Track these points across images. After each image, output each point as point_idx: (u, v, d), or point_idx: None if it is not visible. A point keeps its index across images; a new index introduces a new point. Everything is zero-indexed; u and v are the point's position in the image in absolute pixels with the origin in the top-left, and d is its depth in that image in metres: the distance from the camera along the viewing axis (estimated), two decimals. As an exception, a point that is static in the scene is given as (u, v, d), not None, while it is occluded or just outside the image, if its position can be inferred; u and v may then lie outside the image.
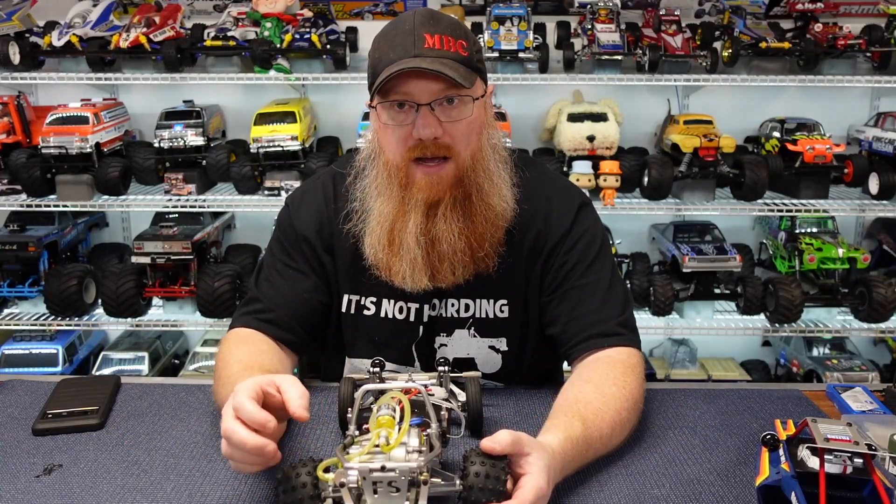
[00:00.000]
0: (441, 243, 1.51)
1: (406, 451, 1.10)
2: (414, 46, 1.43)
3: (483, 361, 1.67)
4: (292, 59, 3.38)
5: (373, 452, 1.10)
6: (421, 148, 1.47)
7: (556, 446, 1.24)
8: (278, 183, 3.27)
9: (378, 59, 1.47)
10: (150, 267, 3.28)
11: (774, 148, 3.38)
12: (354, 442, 1.17)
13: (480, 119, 1.52)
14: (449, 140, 1.47)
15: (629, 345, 1.55)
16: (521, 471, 1.14)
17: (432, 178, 1.49)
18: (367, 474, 1.07)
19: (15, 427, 1.50)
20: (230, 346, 1.54)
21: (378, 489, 1.07)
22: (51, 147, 3.16)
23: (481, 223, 1.52)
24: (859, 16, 3.61)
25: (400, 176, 1.50)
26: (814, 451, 1.18)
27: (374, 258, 1.57)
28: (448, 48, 1.44)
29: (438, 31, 1.44)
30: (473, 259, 1.54)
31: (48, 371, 3.34)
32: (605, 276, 1.60)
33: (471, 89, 1.45)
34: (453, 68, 1.42)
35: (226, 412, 1.15)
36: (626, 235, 3.61)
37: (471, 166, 1.50)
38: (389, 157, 1.51)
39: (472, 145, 1.50)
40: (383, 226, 1.53)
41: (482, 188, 1.52)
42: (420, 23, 1.45)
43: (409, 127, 1.46)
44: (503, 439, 1.12)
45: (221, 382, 1.45)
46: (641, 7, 3.61)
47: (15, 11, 3.36)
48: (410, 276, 1.53)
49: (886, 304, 3.21)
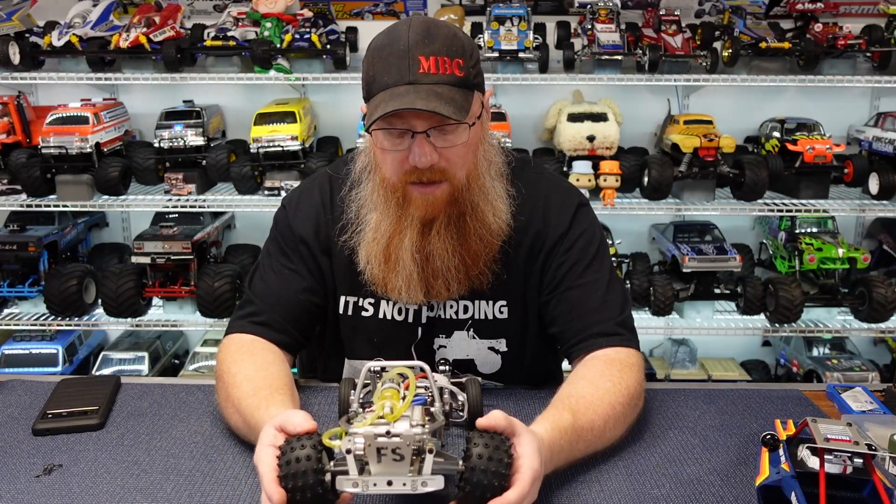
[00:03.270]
0: (435, 260, 1.52)
1: (410, 424, 1.10)
2: (409, 71, 1.41)
3: (482, 362, 1.67)
4: (292, 59, 3.37)
5: (377, 423, 1.09)
6: (417, 173, 1.47)
7: (544, 433, 1.25)
8: (278, 183, 3.26)
9: (372, 77, 1.45)
10: (150, 267, 3.28)
11: (774, 148, 3.38)
12: (358, 416, 1.17)
13: (477, 138, 1.52)
14: (445, 164, 1.47)
15: (628, 345, 1.55)
16: (513, 452, 1.15)
17: (427, 197, 1.49)
18: (372, 440, 1.06)
19: (15, 427, 1.50)
20: (233, 357, 1.53)
21: (382, 456, 1.07)
22: (51, 147, 3.16)
23: (475, 242, 1.53)
24: (859, 16, 3.61)
25: (397, 195, 1.51)
26: (814, 451, 1.18)
27: (369, 273, 1.57)
28: (444, 71, 1.42)
29: (434, 52, 1.41)
30: (468, 276, 1.55)
31: (48, 371, 3.34)
32: (603, 277, 1.60)
33: (467, 116, 1.44)
34: (449, 99, 1.40)
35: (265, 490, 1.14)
36: (626, 235, 3.60)
37: (466, 186, 1.51)
38: (386, 176, 1.51)
39: (468, 165, 1.51)
40: (380, 242, 1.54)
41: (477, 206, 1.52)
42: (415, 42, 1.41)
43: (406, 152, 1.46)
44: (496, 417, 1.15)
45: (231, 402, 1.43)
46: (641, 7, 3.61)
47: (15, 11, 3.36)
48: (406, 291, 1.54)
49: (886, 304, 3.21)
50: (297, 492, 1.09)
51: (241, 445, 1.41)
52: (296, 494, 1.09)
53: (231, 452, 1.40)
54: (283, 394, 1.42)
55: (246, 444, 1.40)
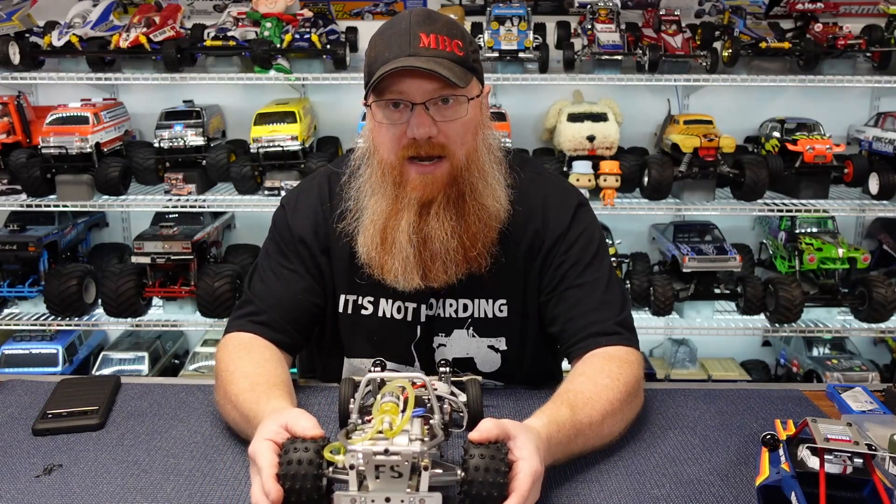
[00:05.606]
0: (433, 242, 1.51)
1: (409, 438, 1.10)
2: (409, 45, 1.43)
3: (482, 361, 1.67)
4: (292, 59, 3.37)
5: (376, 438, 1.10)
6: (415, 147, 1.47)
7: (541, 427, 1.26)
8: (278, 183, 3.26)
9: (374, 58, 1.47)
10: (150, 267, 3.28)
11: (774, 148, 3.38)
12: (357, 429, 1.17)
13: (476, 119, 1.52)
14: (444, 139, 1.47)
15: (628, 344, 1.55)
16: (512, 456, 1.14)
17: (426, 177, 1.49)
18: (370, 458, 1.07)
19: (15, 427, 1.50)
20: (231, 355, 1.53)
21: (380, 473, 1.07)
22: (51, 147, 3.16)
23: (474, 223, 1.53)
24: (859, 16, 3.61)
25: (394, 174, 1.50)
26: (814, 451, 1.18)
27: (366, 256, 1.56)
28: (443, 47, 1.44)
29: (434, 31, 1.45)
30: (466, 258, 1.54)
31: (48, 371, 3.34)
32: (602, 276, 1.60)
33: (466, 89, 1.46)
34: (448, 68, 1.42)
35: (254, 483, 1.15)
36: (626, 235, 3.61)
37: (465, 166, 1.51)
38: (384, 156, 1.51)
39: (468, 145, 1.51)
40: (376, 224, 1.53)
41: (476, 188, 1.52)
42: (416, 22, 1.45)
43: (404, 126, 1.46)
44: (487, 428, 1.14)
45: (229, 399, 1.44)
46: (641, 7, 3.61)
47: (15, 11, 3.35)
48: (402, 274, 1.53)
49: (886, 304, 3.21)
50: (293, 493, 1.10)
51: (241, 445, 1.41)
52: (291, 496, 1.10)
53: (231, 452, 1.40)
54: (282, 390, 1.42)
55: (246, 444, 1.39)
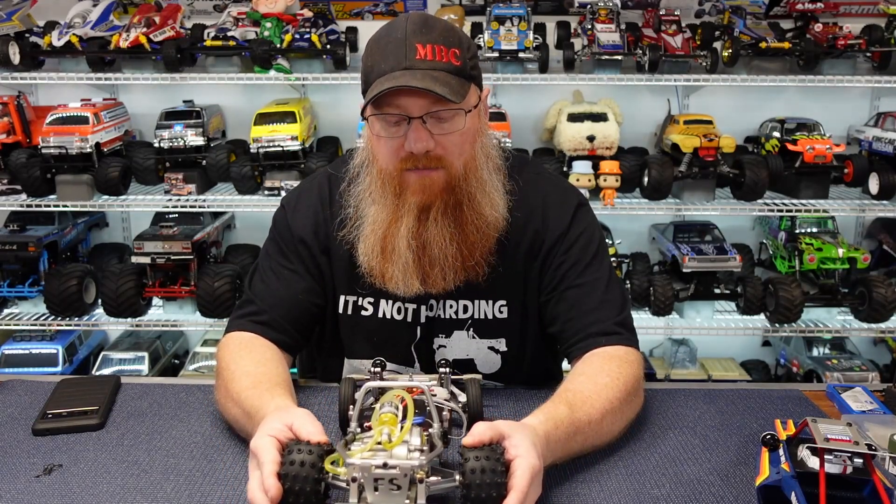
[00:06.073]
0: (432, 248, 1.51)
1: (408, 449, 1.11)
2: (405, 57, 1.42)
3: (482, 362, 1.67)
4: (292, 59, 3.37)
5: (375, 449, 1.10)
6: (413, 160, 1.47)
7: (537, 425, 1.26)
8: (278, 183, 3.26)
9: (370, 68, 1.46)
10: (150, 267, 3.28)
11: (774, 148, 3.38)
12: (356, 439, 1.17)
13: (474, 128, 1.52)
14: (441, 152, 1.47)
15: (627, 344, 1.55)
16: (509, 455, 1.14)
17: (424, 180, 1.49)
18: (369, 471, 1.07)
19: (15, 427, 1.50)
20: (232, 354, 1.53)
21: (379, 486, 1.08)
22: (51, 147, 3.16)
23: (472, 232, 1.53)
24: (859, 16, 3.61)
25: (393, 184, 1.50)
26: (814, 451, 1.18)
27: (367, 266, 1.57)
28: (440, 58, 1.43)
29: (431, 41, 1.43)
30: (464, 267, 1.55)
31: (48, 371, 3.34)
32: (602, 277, 1.60)
33: (463, 102, 1.44)
34: (444, 82, 1.41)
35: (253, 478, 1.15)
36: (626, 235, 3.61)
37: (463, 175, 1.50)
38: (383, 166, 1.51)
39: (465, 155, 1.50)
40: (377, 233, 1.54)
41: (474, 197, 1.52)
42: (412, 31, 1.43)
43: (402, 139, 1.46)
44: (480, 432, 1.14)
45: (231, 396, 1.44)
46: (641, 7, 3.61)
47: (15, 11, 3.35)
48: (403, 280, 1.53)
49: (886, 304, 3.21)
50: (292, 494, 1.10)
51: (241, 445, 1.41)
52: (290, 496, 1.10)
53: (231, 452, 1.40)
54: (284, 389, 1.42)
55: (247, 444, 1.39)
